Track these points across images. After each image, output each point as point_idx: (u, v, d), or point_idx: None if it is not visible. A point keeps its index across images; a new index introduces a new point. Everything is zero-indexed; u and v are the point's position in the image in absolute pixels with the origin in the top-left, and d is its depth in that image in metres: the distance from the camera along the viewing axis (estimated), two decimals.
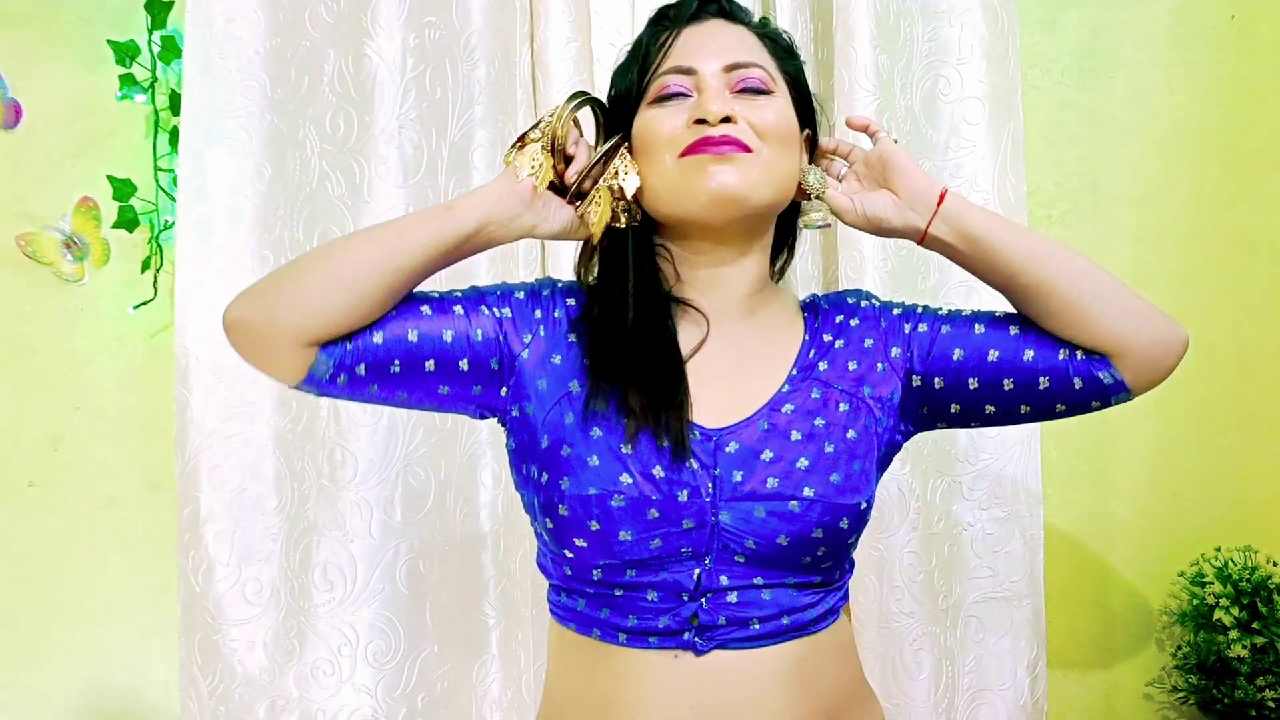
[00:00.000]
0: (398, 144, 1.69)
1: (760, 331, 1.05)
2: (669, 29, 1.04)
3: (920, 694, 1.79)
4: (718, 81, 0.99)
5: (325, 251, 0.96)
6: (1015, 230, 1.02)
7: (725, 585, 0.95)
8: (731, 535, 0.94)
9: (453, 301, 1.00)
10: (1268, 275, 1.95)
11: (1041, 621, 1.84)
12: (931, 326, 1.04)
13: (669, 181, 0.99)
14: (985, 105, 1.77)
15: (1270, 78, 1.93)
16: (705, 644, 0.95)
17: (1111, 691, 1.99)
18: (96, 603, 1.86)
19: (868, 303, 1.09)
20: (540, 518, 0.98)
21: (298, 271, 0.95)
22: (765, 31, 1.07)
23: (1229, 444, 1.96)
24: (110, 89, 1.78)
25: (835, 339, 1.05)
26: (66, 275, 1.79)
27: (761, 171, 0.98)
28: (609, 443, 0.95)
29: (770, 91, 1.01)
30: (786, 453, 0.97)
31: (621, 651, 0.97)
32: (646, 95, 1.02)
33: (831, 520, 0.96)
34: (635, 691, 0.96)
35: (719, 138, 0.96)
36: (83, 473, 1.84)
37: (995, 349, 1.01)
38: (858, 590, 1.77)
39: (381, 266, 0.94)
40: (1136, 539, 1.97)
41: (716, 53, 1.01)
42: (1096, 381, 0.99)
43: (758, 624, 0.96)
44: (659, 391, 0.96)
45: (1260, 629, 1.76)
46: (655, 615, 0.95)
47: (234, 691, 1.69)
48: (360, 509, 1.71)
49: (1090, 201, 1.94)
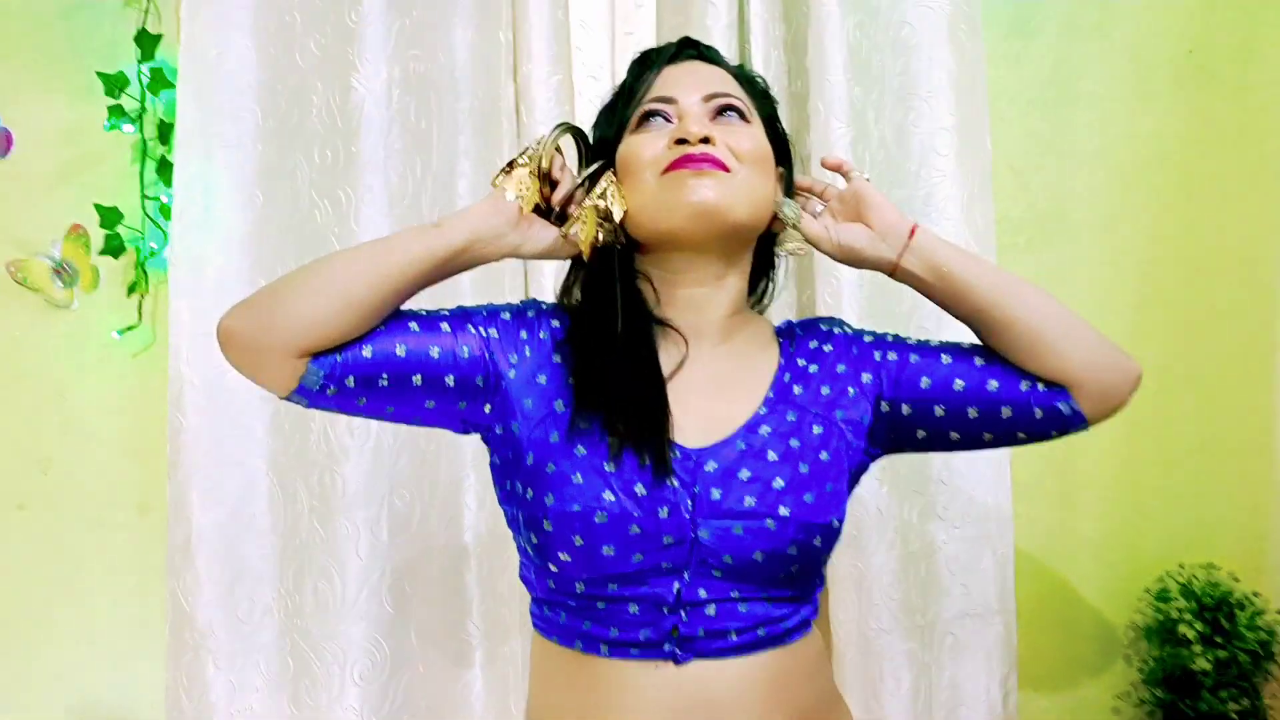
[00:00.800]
0: (384, 173, 1.73)
1: (737, 354, 1.10)
2: (651, 68, 1.10)
3: (899, 710, 1.83)
4: (697, 108, 1.06)
5: (318, 266, 1.00)
6: (982, 265, 1.08)
7: (704, 599, 0.99)
8: (710, 551, 0.98)
9: (440, 319, 1.04)
10: (1225, 299, 2.02)
11: (1013, 637, 1.88)
12: (901, 355, 1.10)
13: (651, 198, 1.04)
14: (954, 136, 1.83)
15: (1225, 110, 2.00)
16: (685, 654, 0.99)
17: (1080, 706, 2.04)
18: (85, 624, 1.87)
19: (840, 330, 1.14)
20: (525, 532, 1.02)
21: (291, 284, 0.98)
22: (741, 73, 1.13)
23: (1191, 464, 2.02)
24: (98, 117, 1.81)
25: (809, 364, 1.10)
26: (56, 301, 1.81)
27: (739, 189, 1.03)
28: (592, 461, 0.99)
29: (747, 120, 1.08)
30: (763, 473, 1.01)
31: (603, 662, 1.00)
32: (629, 125, 1.07)
33: (806, 538, 1.00)
34: (617, 700, 1.00)
35: (699, 155, 1.01)
36: (72, 495, 1.86)
37: (961, 379, 1.06)
38: (839, 608, 1.82)
39: (372, 280, 0.97)
40: (1102, 557, 2.02)
41: (696, 85, 1.07)
42: (1056, 411, 1.05)
43: (735, 635, 1.00)
44: (642, 412, 1.00)
45: (1223, 643, 1.82)
46: (636, 627, 0.99)
47: (219, 712, 1.71)
48: (349, 530, 1.74)
49: (1055, 229, 2.00)
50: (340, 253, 1.03)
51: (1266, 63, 2.00)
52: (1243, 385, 2.02)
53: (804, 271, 1.86)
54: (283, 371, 0.97)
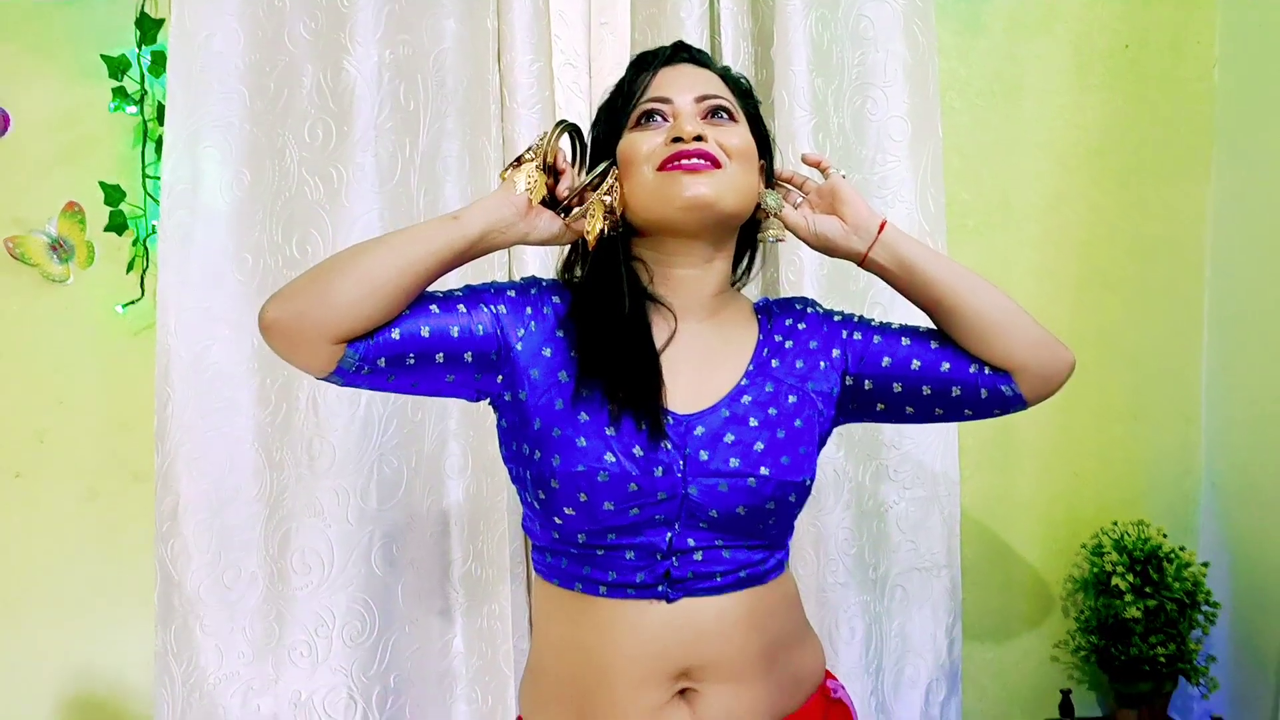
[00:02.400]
0: (374, 152, 1.79)
1: (721, 329, 1.20)
2: (648, 70, 1.20)
3: (853, 656, 1.96)
4: (690, 108, 1.16)
5: (350, 259, 1.07)
6: (941, 260, 1.19)
7: (692, 546, 1.11)
8: (698, 505, 1.10)
9: (456, 300, 1.13)
10: (1159, 278, 2.17)
11: (958, 591, 2.02)
12: (865, 335, 1.22)
13: (649, 191, 1.13)
14: (908, 124, 1.94)
15: (1159, 101, 2.15)
16: (675, 593, 1.11)
17: (1021, 654, 2.18)
18: (80, 591, 1.93)
19: (813, 310, 1.26)
20: (532, 490, 1.12)
21: (327, 276, 1.05)
22: (729, 75, 1.23)
23: (1124, 430, 2.18)
24: (96, 99, 1.86)
25: (785, 340, 1.22)
26: (53, 276, 1.86)
27: (728, 183, 1.13)
28: (595, 426, 1.09)
29: (735, 119, 1.18)
30: (745, 437, 1.13)
31: (601, 601, 1.11)
32: (629, 122, 1.17)
33: (782, 495, 1.12)
34: (614, 633, 1.11)
35: (693, 150, 1.12)
36: (66, 465, 1.91)
37: (917, 359, 1.19)
38: (798, 564, 1.93)
39: (402, 271, 1.06)
40: (1042, 516, 2.17)
41: (689, 87, 1.17)
42: (999, 393, 1.19)
43: (719, 577, 1.12)
44: (638, 381, 1.11)
45: (1152, 593, 1.96)
46: (633, 571, 1.10)
47: (208, 677, 1.77)
48: (337, 496, 1.80)
49: (1001, 213, 2.13)
50: (368, 246, 1.09)
51: (1196, 58, 2.14)
52: (1172, 358, 2.18)
53: (770, 252, 1.97)
54: (321, 356, 1.05)
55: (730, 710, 1.11)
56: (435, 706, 1.88)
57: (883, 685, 2.00)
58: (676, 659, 1.11)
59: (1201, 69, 2.15)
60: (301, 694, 1.81)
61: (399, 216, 1.81)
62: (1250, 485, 2.08)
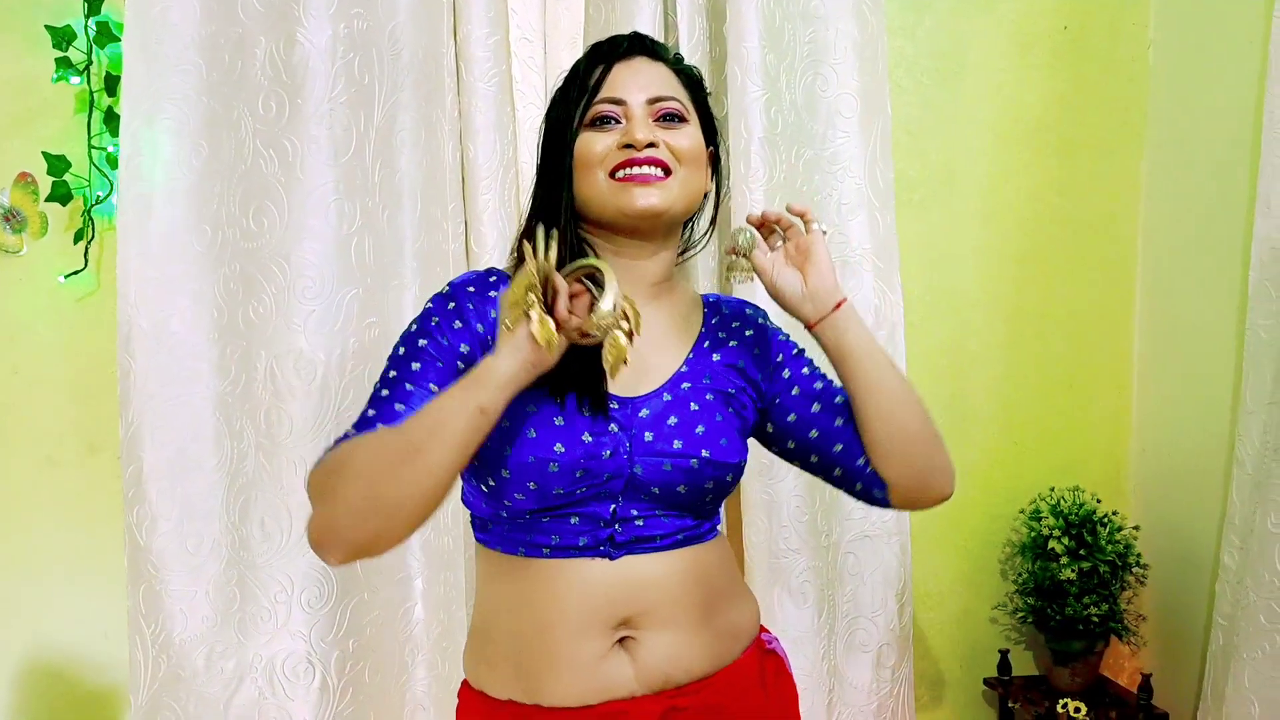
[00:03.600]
0: (328, 125, 1.81)
1: (665, 315, 1.24)
2: (602, 63, 1.21)
3: (805, 622, 2.02)
4: (642, 111, 1.18)
5: (385, 488, 1.01)
6: (876, 363, 1.20)
7: (634, 515, 1.15)
8: (643, 482, 1.14)
9: (447, 372, 1.12)
10: (1095, 253, 2.24)
11: (908, 557, 2.09)
12: (790, 378, 1.26)
13: (602, 195, 1.16)
14: (858, 100, 1.99)
15: (1097, 80, 2.22)
16: (618, 552, 1.15)
17: (964, 616, 2.26)
18: (37, 560, 1.93)
19: (763, 321, 1.30)
20: (481, 477, 1.15)
21: (371, 513, 1.02)
22: (681, 68, 1.25)
23: (1060, 399, 2.26)
24: (44, 69, 1.84)
25: (729, 339, 1.26)
26: (6, 246, 1.85)
27: (678, 190, 1.17)
28: (544, 416, 1.12)
29: (685, 120, 1.20)
30: (687, 420, 1.18)
31: (544, 561, 1.15)
32: (585, 119, 1.19)
33: (720, 475, 1.18)
34: (556, 588, 1.14)
35: (644, 159, 1.15)
36: (23, 435, 1.90)
37: (817, 430, 1.23)
38: (751, 530, 1.99)
39: (440, 483, 1.04)
40: (985, 484, 2.24)
41: (642, 87, 1.19)
42: (870, 494, 1.24)
43: (660, 539, 1.16)
44: (585, 369, 1.13)
45: (1086, 555, 2.05)
46: (576, 535, 1.14)
47: (176, 638, 1.80)
48: (296, 466, 1.83)
49: (946, 188, 2.19)
50: (407, 466, 1.02)
51: (1132, 39, 2.22)
52: (1106, 330, 2.26)
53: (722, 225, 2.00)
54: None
55: (669, 657, 1.15)
56: (395, 672, 1.91)
57: (835, 649, 2.06)
58: (617, 609, 1.14)
59: (1137, 50, 2.22)
60: (262, 657, 1.84)
61: (354, 189, 1.83)
62: (1178, 452, 2.17)
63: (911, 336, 2.09)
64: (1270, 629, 1.79)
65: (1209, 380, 2.07)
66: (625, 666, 1.14)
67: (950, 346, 2.21)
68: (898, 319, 2.04)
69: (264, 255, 1.81)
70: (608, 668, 1.13)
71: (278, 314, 1.82)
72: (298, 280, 1.81)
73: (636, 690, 1.14)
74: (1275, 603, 1.79)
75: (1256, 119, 1.91)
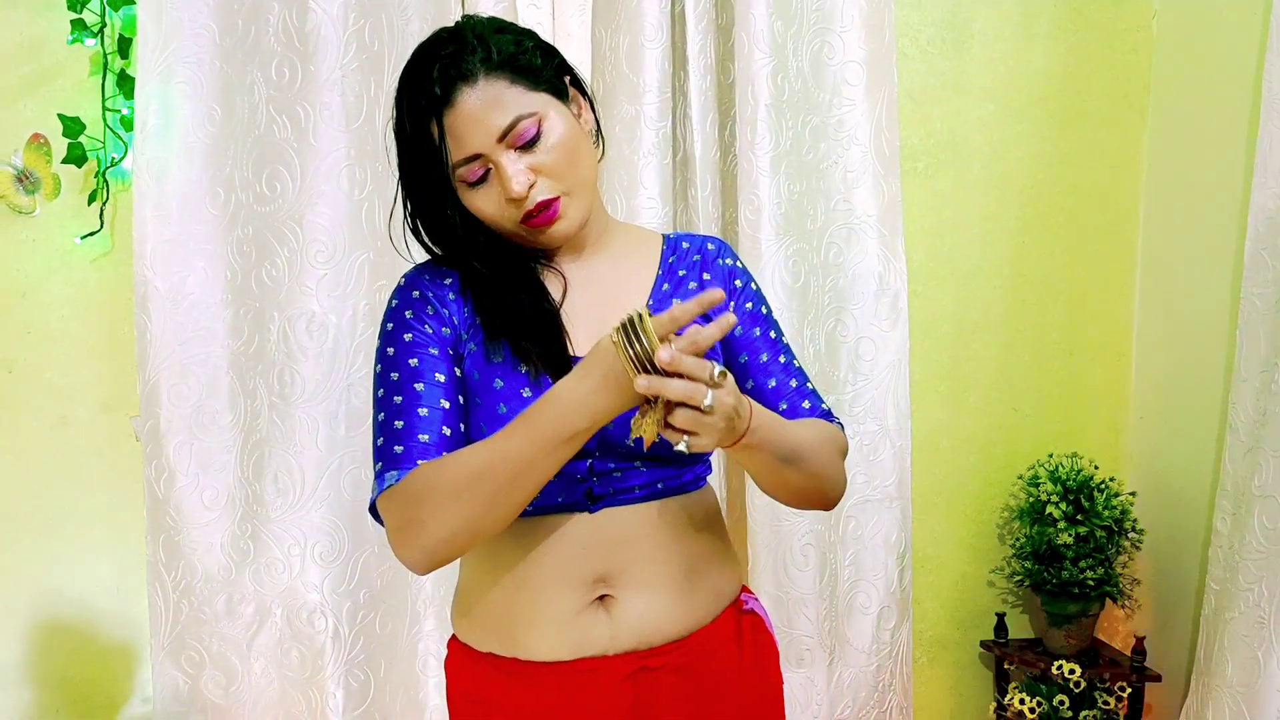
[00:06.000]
0: (340, 91, 1.84)
1: (615, 264, 1.23)
2: (431, 117, 1.09)
3: (808, 584, 2.06)
4: (502, 155, 1.10)
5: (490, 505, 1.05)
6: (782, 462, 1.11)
7: (611, 469, 1.16)
8: (615, 438, 1.14)
9: (448, 389, 1.13)
10: (1095, 221, 2.27)
11: (909, 521, 2.12)
12: (743, 337, 1.24)
13: (519, 237, 1.15)
14: (864, 69, 2.01)
15: (1099, 51, 2.23)
16: (596, 505, 1.16)
17: (962, 579, 2.30)
18: (51, 517, 1.97)
19: (726, 261, 1.27)
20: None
21: (477, 520, 1.05)
22: (505, 66, 1.10)
23: (1060, 367, 2.29)
24: (58, 32, 1.86)
25: (689, 279, 1.25)
26: (20, 208, 1.87)
27: (576, 203, 1.14)
28: (511, 390, 1.12)
29: (540, 132, 1.10)
30: None
31: (525, 519, 1.14)
32: (454, 182, 1.13)
33: None
34: (536, 544, 1.15)
35: (536, 210, 1.11)
36: (36, 394, 1.94)
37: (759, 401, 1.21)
38: (753, 493, 2.02)
39: (526, 502, 1.07)
40: (984, 449, 2.28)
41: (482, 126, 1.08)
42: None
43: (638, 490, 1.17)
44: (543, 338, 1.14)
45: (1083, 520, 2.08)
46: (554, 495, 1.15)
47: (195, 586, 1.85)
48: (309, 424, 1.87)
49: (950, 156, 2.21)
50: (505, 487, 1.04)
51: (1135, 8, 2.23)
52: (1107, 297, 2.29)
53: (727, 192, 2.03)
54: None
55: (644, 618, 1.15)
56: (403, 622, 1.96)
57: (836, 611, 2.10)
58: (595, 564, 1.15)
59: (1141, 20, 2.23)
60: (280, 604, 1.89)
61: (365, 155, 1.85)
62: (1175, 419, 2.20)
63: (914, 304, 2.12)
64: (1245, 588, 1.83)
65: (1206, 348, 2.09)
66: (602, 624, 1.15)
67: (952, 314, 2.23)
68: (901, 286, 2.07)
69: (277, 219, 1.84)
70: (584, 624, 1.14)
71: (290, 277, 1.85)
72: (310, 244, 1.85)
73: (610, 649, 1.15)
74: (1253, 563, 1.82)
75: (1256, 91, 1.93)
